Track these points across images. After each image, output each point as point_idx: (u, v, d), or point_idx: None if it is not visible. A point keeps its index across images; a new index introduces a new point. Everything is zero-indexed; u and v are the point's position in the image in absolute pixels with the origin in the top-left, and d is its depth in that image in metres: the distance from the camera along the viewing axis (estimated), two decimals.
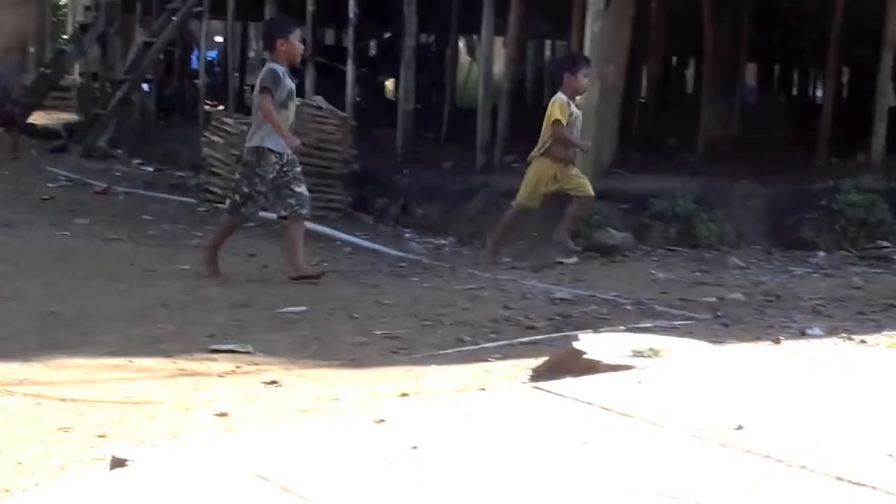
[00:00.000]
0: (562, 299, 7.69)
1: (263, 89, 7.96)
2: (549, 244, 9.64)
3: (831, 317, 7.07)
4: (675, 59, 21.44)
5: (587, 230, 9.91)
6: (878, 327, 6.41)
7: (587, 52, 10.55)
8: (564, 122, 9.22)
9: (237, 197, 8.28)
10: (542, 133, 9.40)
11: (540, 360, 5.38)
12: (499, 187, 11.16)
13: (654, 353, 4.85)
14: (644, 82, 17.83)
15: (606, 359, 4.78)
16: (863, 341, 5.77)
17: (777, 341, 6.09)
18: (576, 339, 5.29)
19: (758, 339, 6.31)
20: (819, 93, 21.55)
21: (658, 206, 10.38)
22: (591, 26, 10.56)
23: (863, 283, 8.45)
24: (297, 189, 8.12)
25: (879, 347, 5.39)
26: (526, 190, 9.53)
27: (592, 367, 4.72)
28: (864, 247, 9.96)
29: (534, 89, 22.13)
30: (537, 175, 9.45)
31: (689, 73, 22.76)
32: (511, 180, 10.36)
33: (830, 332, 6.42)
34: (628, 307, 7.50)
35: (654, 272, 9.04)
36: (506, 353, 5.93)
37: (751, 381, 4.32)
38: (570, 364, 4.94)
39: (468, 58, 25.02)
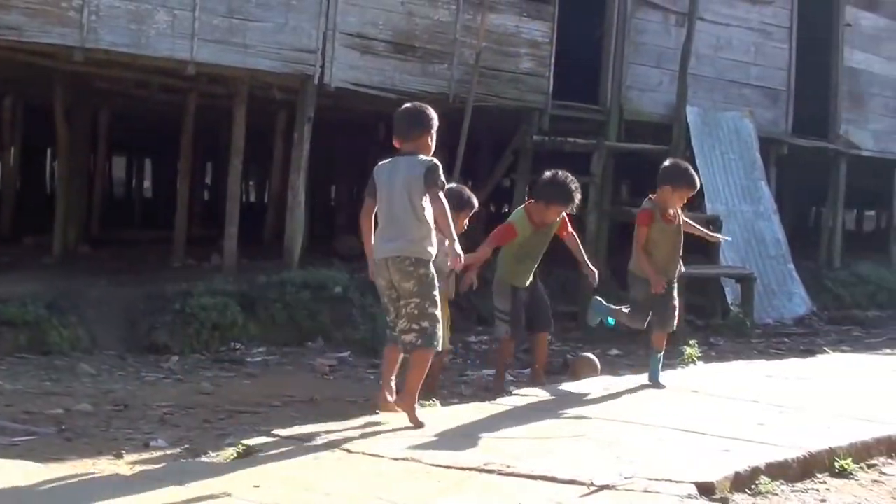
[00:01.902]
0: None
1: (440, 183, 6.06)
2: None
3: (178, 426, 7.01)
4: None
5: None
6: (222, 436, 6.43)
7: None
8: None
9: (426, 324, 6.09)
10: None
11: None
12: None
13: None
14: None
15: None
16: (206, 452, 5.73)
17: (119, 455, 5.90)
18: None
19: (100, 453, 6.08)
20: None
21: (7, 312, 9.76)
22: None
23: (213, 388, 8.50)
24: None
25: (217, 460, 5.38)
26: None
27: None
28: (218, 350, 10.07)
29: None
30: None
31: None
32: None
33: (175, 442, 6.34)
34: None
35: (0, 383, 8.46)
36: None
37: None
38: None
39: None
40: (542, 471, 5.24)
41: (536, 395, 7.56)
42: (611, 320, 8.07)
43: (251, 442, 5.55)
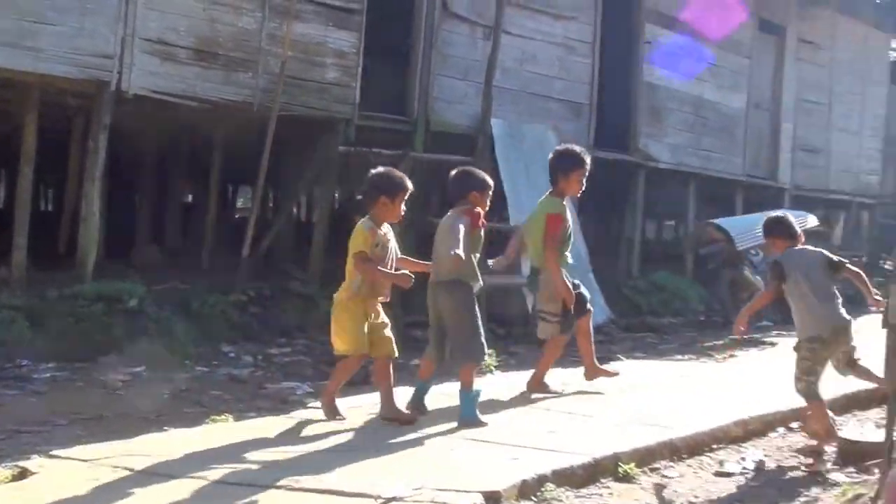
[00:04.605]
0: None
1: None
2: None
3: None
4: None
5: None
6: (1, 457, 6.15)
7: None
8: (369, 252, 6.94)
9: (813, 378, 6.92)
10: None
11: None
12: None
13: None
14: None
15: None
16: None
17: None
18: None
19: None
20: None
21: None
22: None
23: None
24: None
25: None
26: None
27: None
28: (3, 367, 9.61)
29: None
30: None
31: None
32: None
33: None
34: None
35: None
36: None
37: None
38: None
39: None
40: (332, 485, 5.21)
41: None
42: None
43: (27, 463, 5.32)
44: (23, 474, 5.16)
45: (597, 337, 13.34)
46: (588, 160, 8.46)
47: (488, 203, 7.32)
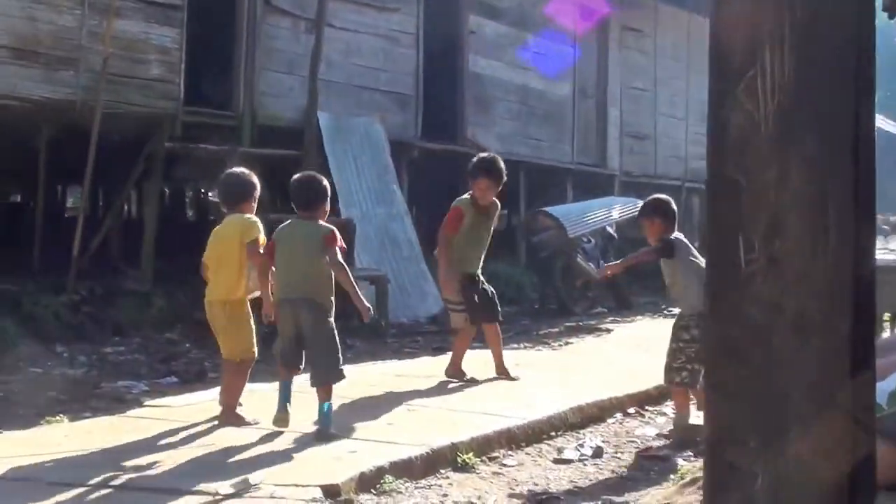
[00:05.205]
0: None
1: None
2: None
3: None
4: None
5: None
6: None
7: None
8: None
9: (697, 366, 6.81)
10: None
11: None
12: None
13: None
14: None
15: None
16: None
17: None
18: None
19: None
20: None
21: None
22: None
23: None
24: None
25: None
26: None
27: None
28: None
29: None
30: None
31: None
32: None
33: None
34: None
35: None
36: None
37: None
38: None
39: None
40: (168, 483, 5.21)
41: (170, 405, 7.48)
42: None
43: None
44: None
45: (432, 328, 13.64)
46: (496, 171, 8.64)
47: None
